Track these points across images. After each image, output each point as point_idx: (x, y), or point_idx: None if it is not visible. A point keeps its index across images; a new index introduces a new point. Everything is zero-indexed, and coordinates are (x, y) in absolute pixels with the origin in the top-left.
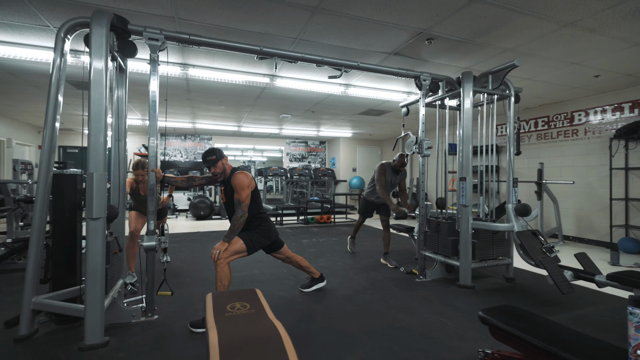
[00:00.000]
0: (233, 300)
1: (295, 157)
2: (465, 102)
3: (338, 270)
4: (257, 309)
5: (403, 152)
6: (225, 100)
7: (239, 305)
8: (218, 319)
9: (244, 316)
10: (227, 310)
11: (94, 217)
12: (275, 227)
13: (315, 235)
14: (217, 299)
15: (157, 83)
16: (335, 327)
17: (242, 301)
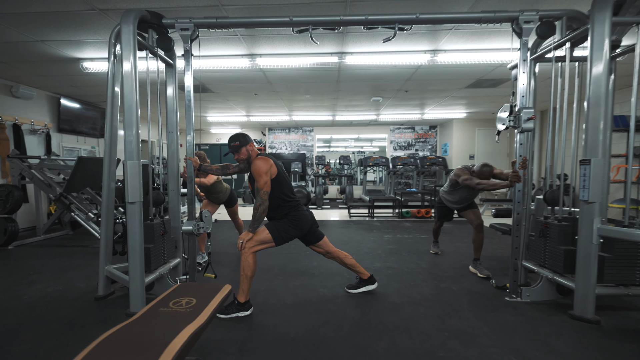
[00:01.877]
0: (185, 295)
1: (401, 145)
2: (595, 42)
3: (405, 272)
4: (196, 309)
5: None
6: (308, 88)
7: (186, 300)
8: (147, 313)
9: (174, 314)
10: (168, 306)
11: (130, 201)
12: (310, 218)
13: (404, 230)
14: (176, 290)
15: (191, 76)
16: (357, 340)
17: (193, 297)
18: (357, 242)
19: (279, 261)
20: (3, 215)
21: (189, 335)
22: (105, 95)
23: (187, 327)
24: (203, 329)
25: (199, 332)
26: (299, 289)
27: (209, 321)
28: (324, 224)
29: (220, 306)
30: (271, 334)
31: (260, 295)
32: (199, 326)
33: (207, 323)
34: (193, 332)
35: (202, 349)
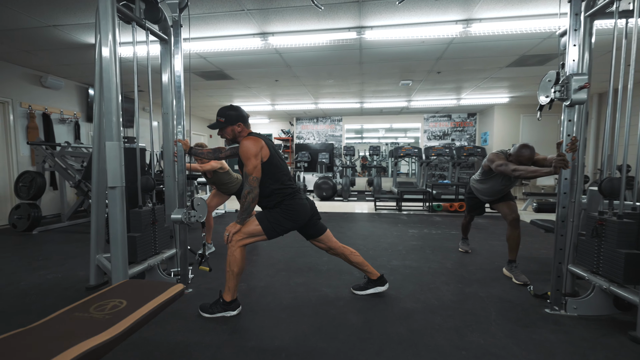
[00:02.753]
0: (118, 296)
1: (435, 135)
2: None
3: (425, 273)
4: (117, 316)
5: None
6: (330, 72)
7: (114, 304)
8: (57, 318)
9: (87, 322)
10: (87, 310)
11: (109, 186)
12: (310, 207)
13: (432, 225)
14: (113, 289)
15: (180, 54)
16: (351, 354)
17: (126, 299)
18: (377, 237)
19: (287, 255)
20: (27, 201)
21: (79, 354)
22: (130, 84)
23: (81, 343)
24: (113, 343)
25: (106, 347)
26: (299, 288)
27: (126, 332)
28: (347, 216)
29: (160, 310)
30: (253, 339)
31: (256, 293)
32: (102, 342)
33: (124, 335)
34: (87, 350)
35: (170, 353)
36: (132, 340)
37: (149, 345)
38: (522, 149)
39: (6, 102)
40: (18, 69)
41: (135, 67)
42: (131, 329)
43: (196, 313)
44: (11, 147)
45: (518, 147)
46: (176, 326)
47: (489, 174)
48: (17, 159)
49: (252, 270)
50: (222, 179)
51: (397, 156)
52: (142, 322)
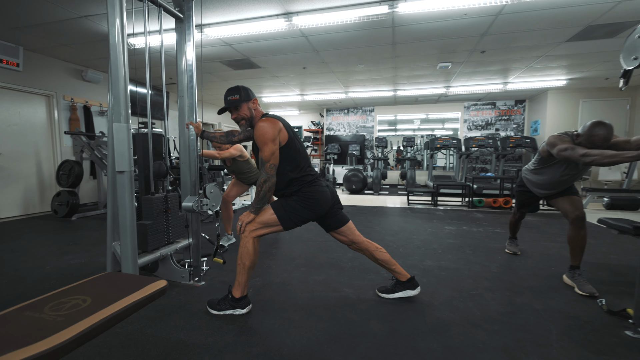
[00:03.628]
0: (83, 293)
1: (477, 125)
2: None
3: (464, 276)
4: (71, 319)
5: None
6: (360, 56)
7: (75, 302)
8: (4, 317)
9: (32, 324)
10: (41, 310)
11: (118, 170)
12: (331, 196)
13: (472, 222)
14: (82, 285)
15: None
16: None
17: (91, 296)
18: (409, 233)
19: (308, 249)
20: (66, 188)
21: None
22: (157, 77)
23: (6, 355)
24: (55, 353)
25: (45, 358)
26: (318, 286)
27: (76, 340)
28: (377, 210)
29: (130, 311)
30: (260, 345)
31: (270, 289)
32: (38, 354)
33: (72, 343)
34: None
35: (168, 354)
36: (130, 335)
37: (147, 342)
38: (595, 127)
39: (51, 95)
40: (61, 64)
41: (147, 45)
42: (85, 335)
43: (204, 308)
44: (55, 137)
45: (590, 125)
46: (180, 322)
47: (548, 161)
48: (60, 149)
49: (270, 264)
50: (241, 168)
51: (433, 148)
52: (102, 327)
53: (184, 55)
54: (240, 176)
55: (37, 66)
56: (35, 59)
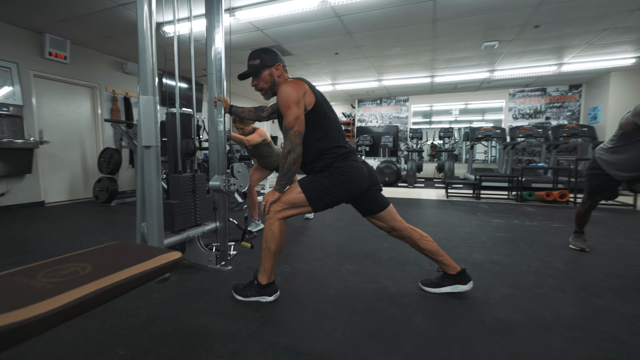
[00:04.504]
0: (86, 261)
1: (524, 113)
2: None
3: (524, 272)
4: (62, 288)
5: None
6: (396, 37)
7: (77, 268)
8: None
9: (17, 290)
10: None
11: (144, 145)
12: (368, 174)
13: (524, 215)
14: (90, 252)
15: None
16: None
17: (93, 264)
18: (451, 225)
19: (341, 238)
20: (106, 175)
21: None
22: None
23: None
24: (31, 326)
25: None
26: (352, 276)
27: (63, 311)
28: (412, 202)
29: (134, 283)
30: (288, 336)
31: (299, 277)
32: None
33: (55, 315)
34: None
35: (188, 339)
36: (151, 317)
37: (168, 326)
38: None
39: (94, 86)
40: (104, 57)
41: (175, 15)
42: (73, 308)
43: (229, 294)
44: (98, 127)
45: None
46: (204, 306)
47: (632, 136)
48: (102, 138)
49: (299, 252)
50: (262, 152)
51: (474, 138)
52: (96, 299)
53: (213, 42)
54: (261, 160)
55: (82, 59)
56: (80, 52)
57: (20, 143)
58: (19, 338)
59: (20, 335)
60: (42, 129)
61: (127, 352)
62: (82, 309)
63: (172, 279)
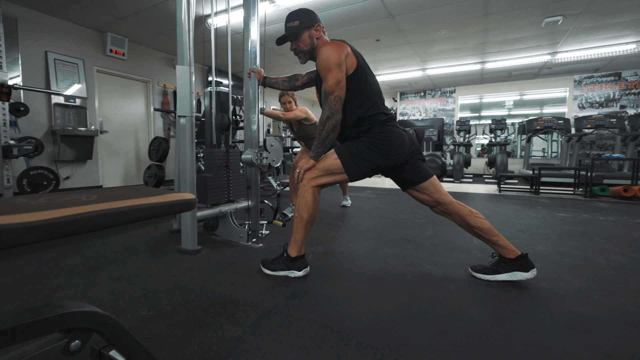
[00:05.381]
0: (96, 193)
1: (593, 102)
2: None
3: (601, 266)
4: (59, 205)
5: None
6: (442, 18)
7: (82, 197)
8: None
9: (17, 205)
10: (34, 198)
11: (178, 115)
12: (409, 141)
13: (596, 210)
14: (104, 189)
15: None
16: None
17: (102, 195)
18: (505, 217)
19: (379, 225)
20: (155, 162)
21: None
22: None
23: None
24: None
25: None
26: (390, 259)
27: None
28: (459, 195)
29: (135, 214)
30: (315, 311)
31: (332, 257)
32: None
33: (37, 228)
34: None
35: (211, 306)
36: (178, 283)
37: (193, 292)
38: None
39: (148, 81)
40: (156, 53)
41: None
42: (62, 224)
43: (257, 268)
44: (150, 118)
45: None
46: (230, 277)
47: None
48: (154, 128)
49: (333, 234)
50: (309, 132)
51: (531, 130)
52: (90, 220)
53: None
54: (309, 142)
55: (138, 56)
56: (136, 49)
57: (83, 131)
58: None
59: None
60: (102, 120)
61: (149, 313)
62: (71, 228)
63: (203, 253)
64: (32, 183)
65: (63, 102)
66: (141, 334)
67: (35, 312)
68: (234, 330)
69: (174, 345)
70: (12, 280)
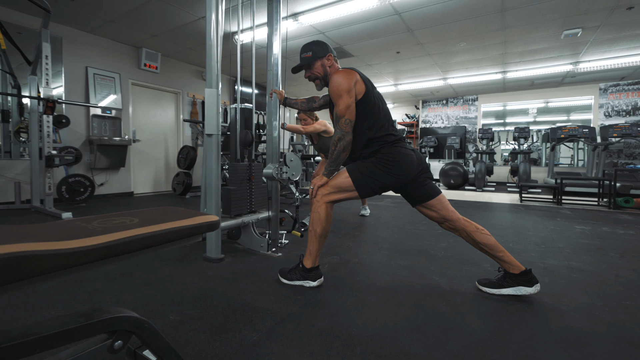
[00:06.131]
0: (135, 216)
1: (619, 110)
2: None
3: (609, 282)
4: (110, 229)
5: None
6: (461, 31)
7: (125, 220)
8: (62, 222)
9: (75, 229)
10: (90, 222)
11: (206, 133)
12: (417, 161)
13: (616, 223)
14: (142, 211)
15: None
16: None
17: (142, 218)
18: (521, 229)
19: (395, 235)
20: (183, 170)
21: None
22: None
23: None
24: (72, 255)
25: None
26: (402, 271)
27: (98, 249)
28: (479, 205)
29: (171, 236)
30: (326, 320)
31: (346, 267)
32: (53, 250)
33: (93, 250)
34: (22, 252)
35: (232, 312)
36: (202, 290)
37: (216, 299)
38: None
39: (178, 92)
40: (186, 66)
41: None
42: (115, 246)
43: (276, 277)
44: (180, 127)
45: None
46: (250, 285)
47: None
48: (182, 137)
49: (350, 245)
50: (328, 144)
51: (555, 139)
52: (134, 242)
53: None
54: (327, 153)
55: (169, 68)
56: (168, 63)
57: (117, 141)
58: (67, 264)
59: (66, 261)
60: (135, 129)
61: (177, 318)
62: (122, 249)
63: (226, 261)
64: (70, 190)
65: (100, 113)
66: (170, 336)
67: (89, 316)
68: (252, 336)
69: (198, 347)
70: (56, 283)
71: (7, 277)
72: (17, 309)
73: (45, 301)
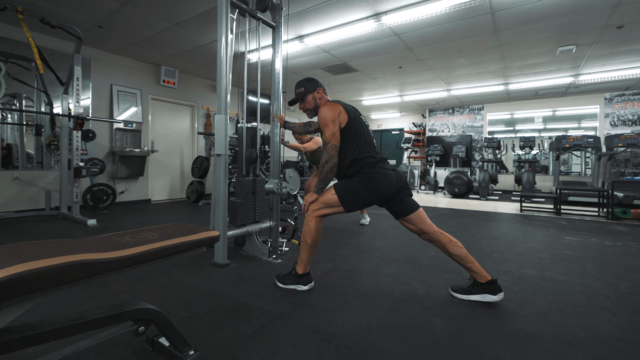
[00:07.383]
0: (154, 232)
1: (626, 120)
2: None
3: (575, 291)
4: (139, 243)
5: None
6: (459, 49)
7: (148, 235)
8: (100, 237)
9: (114, 242)
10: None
11: (216, 154)
12: (396, 179)
13: (607, 234)
14: (159, 227)
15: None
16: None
17: (160, 233)
18: (511, 239)
19: (388, 244)
20: (197, 179)
21: (66, 262)
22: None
23: (72, 255)
24: (116, 262)
25: (106, 264)
26: (386, 277)
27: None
28: (479, 215)
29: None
30: (311, 318)
31: (337, 274)
32: (103, 259)
33: (131, 258)
34: (79, 260)
35: (233, 310)
36: (209, 292)
37: (220, 299)
38: None
39: (193, 105)
40: (201, 81)
41: (246, 42)
42: (144, 255)
43: (273, 281)
44: (194, 138)
45: None
46: (250, 288)
47: None
48: (197, 148)
49: (344, 253)
50: (319, 158)
51: (560, 148)
52: (156, 253)
53: (275, 64)
54: (315, 164)
55: (186, 83)
56: (185, 78)
57: (137, 152)
58: (110, 268)
59: (109, 267)
60: (154, 140)
61: (186, 314)
62: (147, 258)
63: (231, 266)
64: (94, 197)
65: (122, 127)
66: (180, 329)
67: (121, 307)
68: (247, 330)
69: (202, 337)
70: (89, 284)
71: (70, 277)
72: (65, 302)
73: (82, 298)
